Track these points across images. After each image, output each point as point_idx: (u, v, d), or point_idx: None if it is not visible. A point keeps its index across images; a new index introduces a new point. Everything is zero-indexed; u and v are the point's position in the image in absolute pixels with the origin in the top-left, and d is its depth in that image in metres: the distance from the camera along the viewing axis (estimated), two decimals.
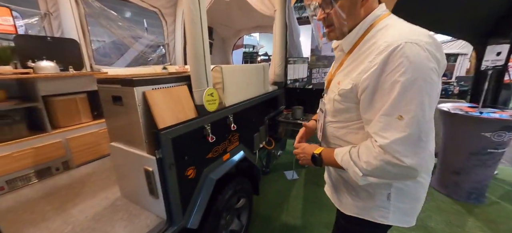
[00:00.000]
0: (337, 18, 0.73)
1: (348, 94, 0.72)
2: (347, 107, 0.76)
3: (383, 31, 0.68)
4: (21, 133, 1.91)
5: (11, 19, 2.18)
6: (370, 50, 0.67)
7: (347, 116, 0.79)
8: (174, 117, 1.41)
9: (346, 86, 0.72)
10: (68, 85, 2.24)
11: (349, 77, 0.72)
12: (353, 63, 0.73)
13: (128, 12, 8.55)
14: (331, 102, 0.83)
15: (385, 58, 0.60)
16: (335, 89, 0.79)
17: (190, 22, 1.44)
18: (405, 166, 0.60)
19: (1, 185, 1.74)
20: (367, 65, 0.64)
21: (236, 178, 1.96)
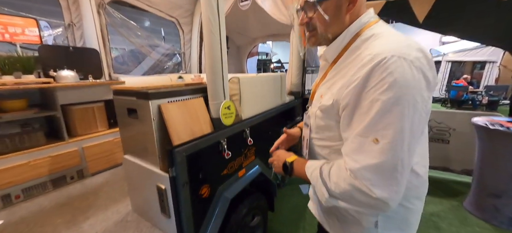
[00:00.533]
0: (320, 23, 0.67)
1: (329, 110, 0.66)
2: (328, 124, 0.69)
3: (369, 42, 0.61)
4: (39, 142, 1.93)
5: (36, 30, 2.26)
6: (354, 63, 0.60)
7: (329, 134, 0.71)
8: (189, 131, 1.34)
9: (327, 102, 0.65)
10: (86, 94, 2.26)
11: (330, 91, 0.66)
12: (337, 75, 0.67)
13: (147, 21, 8.93)
14: (313, 116, 0.75)
15: (367, 72, 0.53)
16: (317, 103, 0.72)
17: (209, 33, 1.38)
18: (374, 197, 0.52)
19: (17, 194, 1.74)
20: (349, 79, 0.58)
21: (251, 194, 1.85)
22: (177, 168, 1.13)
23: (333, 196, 0.61)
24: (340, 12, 0.65)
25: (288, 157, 0.83)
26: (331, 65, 0.71)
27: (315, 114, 0.73)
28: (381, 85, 0.51)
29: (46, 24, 2.84)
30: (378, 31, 0.62)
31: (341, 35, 0.67)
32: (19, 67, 2.07)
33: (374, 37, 0.61)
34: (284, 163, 0.82)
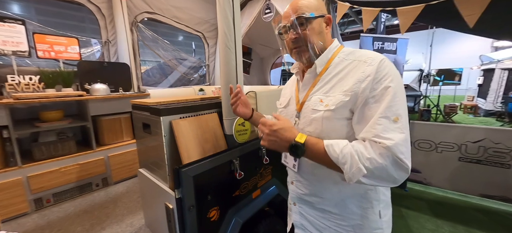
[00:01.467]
0: (310, 37, 0.76)
1: (344, 107, 0.70)
2: (338, 125, 0.72)
3: (353, 54, 0.75)
4: (71, 150, 2.08)
5: (77, 48, 2.51)
6: (349, 68, 0.72)
7: (335, 135, 0.72)
8: (200, 149, 1.28)
9: (343, 98, 0.69)
10: (115, 105, 2.41)
11: (336, 92, 0.72)
12: (330, 82, 0.75)
13: (181, 36, 9.58)
14: (317, 121, 0.74)
15: (376, 68, 0.66)
16: (319, 107, 0.74)
17: (224, 47, 1.33)
18: (406, 167, 0.61)
19: (48, 198, 1.87)
20: (360, 76, 0.68)
21: (267, 217, 1.71)
22: (184, 189, 1.07)
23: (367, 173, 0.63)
24: (323, 31, 0.77)
25: (296, 135, 0.70)
26: (318, 76, 0.79)
27: (321, 117, 0.73)
28: (388, 76, 0.64)
29: (95, 41, 3.15)
30: (351, 49, 0.78)
31: (325, 51, 0.78)
32: (60, 81, 2.30)
33: (354, 51, 0.76)
34: (292, 143, 0.68)
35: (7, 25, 2.09)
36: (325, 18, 0.78)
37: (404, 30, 1.81)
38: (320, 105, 0.74)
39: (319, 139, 0.70)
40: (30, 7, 8.23)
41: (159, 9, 3.38)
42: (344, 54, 0.76)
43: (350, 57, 0.74)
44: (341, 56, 0.76)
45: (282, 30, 0.81)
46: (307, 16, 0.74)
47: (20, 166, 1.83)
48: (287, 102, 0.91)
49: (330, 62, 0.78)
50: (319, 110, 0.74)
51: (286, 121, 0.74)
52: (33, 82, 2.11)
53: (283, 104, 0.94)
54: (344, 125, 0.71)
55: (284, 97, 0.96)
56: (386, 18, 7.10)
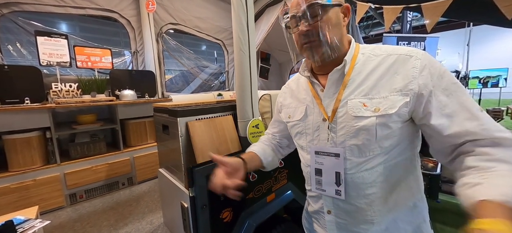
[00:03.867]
0: (325, 28, 0.63)
1: (403, 111, 0.59)
2: (396, 128, 0.61)
3: (379, 48, 0.66)
4: (101, 150, 2.27)
5: (110, 58, 2.76)
6: (390, 61, 0.62)
7: (390, 141, 0.61)
8: (215, 150, 1.31)
9: (403, 98, 0.58)
10: (141, 110, 2.59)
11: (384, 91, 0.61)
12: (368, 80, 0.63)
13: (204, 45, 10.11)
14: (367, 131, 0.61)
15: (426, 60, 0.59)
16: (365, 112, 0.61)
17: (238, 51, 1.37)
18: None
19: (81, 194, 2.05)
20: (410, 72, 0.58)
21: (283, 223, 1.67)
22: (197, 188, 1.10)
23: None
24: (340, 22, 0.65)
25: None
26: (347, 75, 0.66)
27: (374, 124, 0.60)
28: (442, 69, 0.59)
29: (127, 52, 3.45)
30: (372, 45, 0.69)
31: (351, 47, 0.67)
32: (95, 88, 2.55)
33: (377, 47, 0.67)
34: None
35: (53, 40, 2.39)
36: (343, 8, 0.65)
37: (430, 28, 1.69)
38: (365, 111, 0.61)
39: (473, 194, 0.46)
40: (74, 24, 9.35)
41: (182, 20, 3.60)
42: (368, 50, 0.66)
43: (377, 52, 0.65)
44: (365, 52, 0.66)
45: (290, 21, 0.66)
46: (323, 2, 0.61)
47: (59, 163, 2.05)
48: (304, 112, 0.74)
49: (354, 60, 0.66)
50: (366, 116, 0.61)
51: None
52: (72, 89, 2.36)
53: (295, 116, 0.76)
54: (397, 129, 0.61)
55: (290, 108, 0.80)
56: (413, 17, 6.68)
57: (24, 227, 1.02)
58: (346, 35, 0.69)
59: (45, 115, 2.01)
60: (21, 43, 2.60)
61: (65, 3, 2.54)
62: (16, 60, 2.61)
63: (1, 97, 1.98)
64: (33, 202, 1.84)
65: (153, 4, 2.95)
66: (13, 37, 2.55)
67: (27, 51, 2.65)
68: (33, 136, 1.97)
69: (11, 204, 1.81)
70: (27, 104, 2.04)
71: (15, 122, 1.90)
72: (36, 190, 1.91)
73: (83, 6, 2.67)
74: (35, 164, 1.96)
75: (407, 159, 0.64)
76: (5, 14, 2.31)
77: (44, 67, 2.35)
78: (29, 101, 2.06)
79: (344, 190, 0.66)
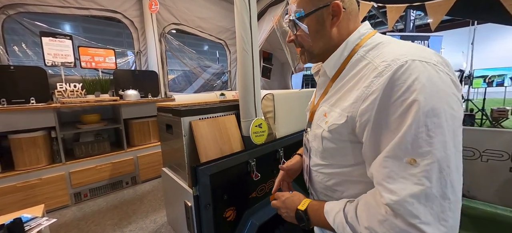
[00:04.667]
0: (304, 40, 0.64)
1: (341, 130, 0.55)
2: (340, 147, 0.58)
3: (376, 50, 0.55)
4: (105, 149, 2.29)
5: (113, 58, 2.79)
6: (362, 73, 0.53)
7: (341, 159, 0.59)
8: (218, 149, 1.32)
9: (338, 120, 0.55)
10: (144, 109, 2.60)
11: (339, 107, 0.57)
12: (341, 90, 0.59)
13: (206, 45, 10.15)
14: (318, 139, 0.63)
15: (387, 81, 0.46)
16: (322, 122, 0.62)
17: (241, 50, 1.37)
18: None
19: (85, 192, 2.07)
20: (362, 92, 0.50)
21: (285, 222, 1.67)
22: (201, 187, 1.11)
23: None
24: (323, 27, 0.60)
25: (299, 203, 0.64)
26: (331, 80, 0.63)
27: (321, 135, 0.61)
28: (409, 94, 0.43)
29: (130, 53, 3.47)
30: (383, 40, 0.56)
31: (340, 47, 0.60)
32: (99, 88, 2.57)
33: (382, 45, 0.55)
34: (296, 212, 0.64)
35: (58, 40, 2.42)
36: (329, 8, 0.57)
37: (435, 26, 1.67)
38: (322, 121, 0.62)
39: (321, 203, 0.60)
40: (78, 25, 9.43)
41: (184, 20, 3.61)
42: (365, 50, 0.57)
43: (370, 55, 0.55)
44: (361, 52, 0.57)
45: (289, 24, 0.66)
46: (293, 18, 0.61)
47: (64, 163, 2.07)
48: (309, 106, 0.79)
49: (347, 61, 0.59)
50: (320, 126, 0.62)
51: (291, 196, 0.69)
52: (76, 89, 2.39)
53: (308, 107, 0.81)
54: (348, 148, 0.56)
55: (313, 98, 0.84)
56: (417, 16, 6.62)
57: (31, 225, 1.03)
58: (343, 33, 0.60)
59: (50, 115, 2.04)
60: (26, 44, 2.63)
61: (69, 4, 2.57)
62: (21, 60, 2.64)
63: (7, 97, 2.01)
64: (39, 201, 1.86)
65: (156, 5, 2.96)
66: (18, 38, 2.59)
67: (32, 52, 2.69)
68: (39, 135, 1.99)
69: (18, 203, 1.83)
70: (33, 104, 2.07)
71: (21, 122, 1.92)
72: (41, 188, 1.94)
73: (87, 7, 2.69)
74: (40, 163, 1.98)
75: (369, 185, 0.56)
76: (11, 15, 2.34)
77: (49, 67, 2.37)
78: (35, 101, 2.09)
79: (308, 181, 0.74)
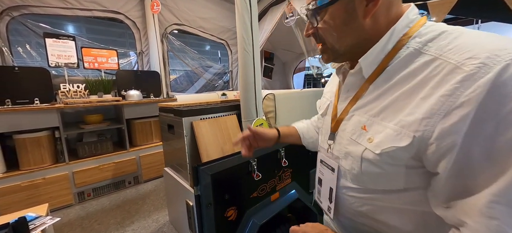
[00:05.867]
0: (327, 34, 0.49)
1: (399, 154, 0.40)
2: (389, 172, 0.43)
3: (441, 41, 0.39)
4: (108, 149, 2.31)
5: (116, 59, 2.81)
6: (425, 74, 0.38)
7: (385, 184, 0.46)
8: (219, 149, 1.33)
9: (397, 141, 0.40)
10: (146, 109, 2.62)
11: (391, 120, 0.42)
12: (388, 95, 0.44)
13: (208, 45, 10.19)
14: (355, 160, 0.48)
15: (487, 88, 0.31)
16: (360, 138, 0.47)
17: (242, 50, 1.38)
18: None
19: (88, 192, 2.09)
20: (440, 102, 0.35)
21: (287, 222, 1.67)
22: (202, 187, 1.12)
23: None
24: (354, 18, 0.45)
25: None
26: (367, 81, 0.48)
27: (360, 156, 0.47)
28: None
29: (132, 53, 3.49)
30: (446, 27, 0.40)
31: (384, 37, 0.44)
32: (101, 88, 2.59)
33: (449, 34, 0.39)
34: None
35: (61, 41, 2.44)
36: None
37: None
38: (361, 136, 0.47)
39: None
40: (81, 26, 9.53)
41: (186, 20, 3.63)
42: (421, 42, 0.41)
43: (431, 48, 0.39)
44: (413, 44, 0.42)
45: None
46: (313, 7, 0.47)
47: (67, 162, 2.10)
48: (324, 109, 0.64)
49: (391, 56, 0.45)
50: (358, 143, 0.47)
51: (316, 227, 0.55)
52: (80, 90, 2.41)
53: (321, 110, 0.68)
54: (401, 174, 0.43)
55: (324, 98, 0.69)
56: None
57: (35, 224, 1.05)
58: (385, 21, 0.45)
59: (54, 115, 2.06)
60: (30, 45, 2.66)
61: (72, 5, 2.59)
62: (25, 61, 2.67)
63: (12, 97, 2.04)
64: (43, 200, 1.89)
65: (157, 5, 2.98)
66: (22, 39, 2.62)
67: (36, 53, 2.72)
68: (43, 135, 2.02)
69: (22, 202, 1.86)
70: (37, 104, 2.10)
71: (25, 122, 1.95)
72: (45, 188, 1.96)
73: (90, 8, 2.72)
74: (44, 163, 2.01)
75: (427, 214, 0.43)
76: (15, 17, 2.37)
77: (52, 68, 2.40)
78: (39, 101, 2.12)
79: (333, 209, 0.57)
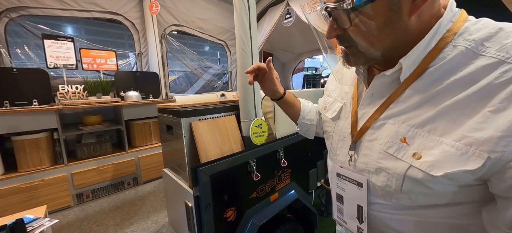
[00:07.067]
0: (361, 37, 0.40)
1: (463, 177, 0.34)
2: (440, 191, 0.38)
3: (505, 40, 0.33)
4: (107, 150, 2.30)
5: (115, 60, 2.81)
6: (489, 80, 0.32)
7: (424, 200, 0.41)
8: (218, 150, 1.32)
9: (464, 162, 0.33)
10: (145, 110, 2.62)
11: (446, 134, 0.35)
12: (436, 104, 0.37)
13: (207, 46, 10.22)
14: (395, 178, 0.41)
15: None
16: (401, 154, 0.40)
17: (241, 51, 1.38)
18: None
19: (87, 194, 2.08)
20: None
21: (286, 222, 1.67)
22: (201, 188, 1.11)
23: None
24: (398, 17, 0.37)
25: None
26: (404, 83, 0.41)
27: (403, 175, 0.39)
28: None
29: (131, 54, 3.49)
30: (502, 24, 0.35)
31: (428, 34, 0.38)
32: (100, 89, 2.59)
33: (510, 33, 0.34)
34: None
35: (60, 42, 2.44)
36: None
37: None
38: (402, 151, 0.40)
39: None
40: (80, 27, 9.52)
41: (185, 21, 3.63)
42: (474, 40, 0.35)
43: (493, 50, 0.34)
44: (462, 43, 0.36)
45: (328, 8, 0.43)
46: (348, 7, 0.37)
47: (66, 164, 2.09)
48: (337, 112, 0.57)
49: (433, 55, 0.38)
50: (398, 159, 0.40)
51: None
52: (78, 91, 2.41)
53: (330, 112, 0.60)
54: (449, 193, 0.38)
55: (330, 97, 0.62)
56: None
57: (33, 226, 1.04)
58: (428, 16, 0.38)
59: (53, 117, 2.06)
60: (28, 46, 2.65)
61: (71, 6, 2.59)
62: (24, 63, 2.67)
63: (10, 99, 2.03)
64: (41, 202, 1.88)
65: (156, 7, 2.98)
66: (21, 41, 2.61)
67: (34, 54, 2.71)
68: (41, 137, 2.01)
69: (21, 204, 1.85)
70: (35, 105, 2.09)
71: (24, 124, 1.95)
72: (44, 190, 1.96)
73: (89, 9, 2.72)
74: (43, 164, 2.00)
75: (472, 226, 0.40)
76: (14, 18, 2.37)
77: (51, 69, 2.40)
78: (37, 102, 2.11)
79: (366, 230, 0.49)
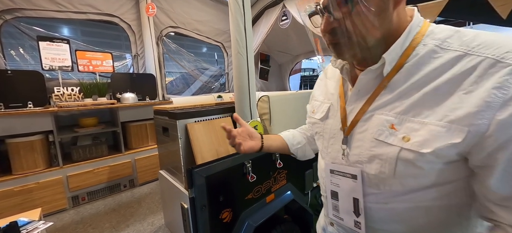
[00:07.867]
0: (360, 25, 0.44)
1: (447, 152, 0.39)
2: (427, 170, 0.42)
3: (462, 39, 0.41)
4: (103, 153, 2.29)
5: (111, 62, 2.80)
6: (457, 69, 0.39)
7: (415, 183, 0.45)
8: (214, 151, 1.33)
9: (449, 137, 0.38)
10: (142, 112, 2.62)
11: (429, 116, 0.41)
12: (414, 93, 0.43)
13: (204, 48, 10.20)
14: (387, 163, 0.45)
15: None
16: (390, 138, 0.45)
17: (236, 53, 1.39)
18: None
19: (83, 196, 2.07)
20: (492, 95, 0.35)
21: (282, 223, 1.68)
22: (196, 189, 1.12)
23: None
24: (386, 7, 0.43)
25: None
26: (387, 78, 0.47)
27: (396, 157, 0.44)
28: None
29: (128, 55, 3.49)
30: (457, 28, 0.44)
31: (403, 33, 0.44)
32: (96, 91, 2.58)
33: (465, 33, 0.42)
34: None
35: (55, 44, 2.43)
36: None
37: None
38: (392, 136, 0.45)
39: None
40: (76, 29, 9.46)
41: (182, 23, 3.64)
42: (440, 39, 0.43)
43: (450, 43, 0.41)
44: (429, 43, 0.43)
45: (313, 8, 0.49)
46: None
47: (61, 166, 2.08)
48: (325, 112, 0.61)
49: (408, 53, 0.45)
50: (389, 144, 0.45)
51: None
52: (74, 93, 2.40)
53: (318, 114, 0.63)
54: (434, 171, 0.42)
55: (317, 101, 0.67)
56: None
57: (27, 228, 1.04)
58: (404, 14, 0.46)
59: (48, 119, 2.04)
60: (23, 48, 2.64)
61: (66, 8, 2.58)
62: (19, 65, 2.65)
63: (4, 101, 2.01)
64: (36, 205, 1.86)
65: (153, 8, 2.98)
66: (16, 42, 2.60)
67: (29, 56, 2.70)
68: (36, 139, 2.00)
69: (15, 207, 1.84)
70: (30, 108, 2.08)
71: (18, 126, 1.93)
72: (39, 192, 1.94)
73: (84, 11, 2.71)
74: (38, 167, 1.99)
75: (457, 206, 0.45)
76: (8, 20, 2.35)
77: (46, 71, 2.38)
78: (32, 105, 2.10)
79: (364, 222, 0.51)
